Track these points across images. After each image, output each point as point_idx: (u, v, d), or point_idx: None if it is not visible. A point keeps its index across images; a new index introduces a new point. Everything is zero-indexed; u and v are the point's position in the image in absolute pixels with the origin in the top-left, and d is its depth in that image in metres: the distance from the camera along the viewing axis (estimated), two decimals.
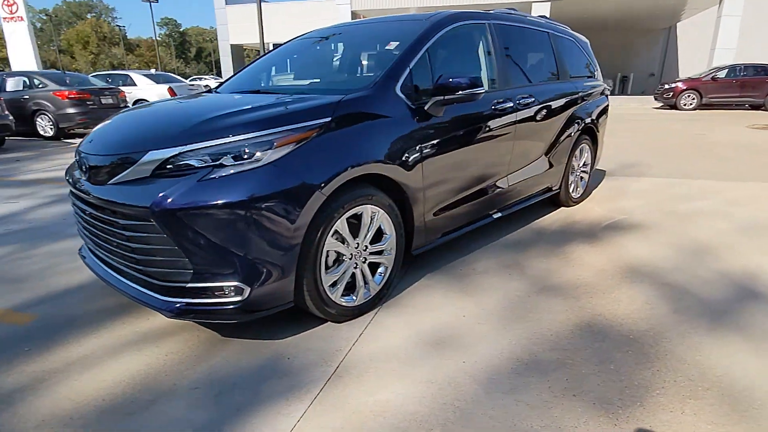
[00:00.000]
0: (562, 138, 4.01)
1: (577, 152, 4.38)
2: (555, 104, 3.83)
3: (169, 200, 1.96)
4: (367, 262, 2.53)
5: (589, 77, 4.64)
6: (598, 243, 3.59)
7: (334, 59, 3.42)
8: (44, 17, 74.88)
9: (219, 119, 2.19)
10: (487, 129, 3.12)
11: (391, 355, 2.19)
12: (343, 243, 2.39)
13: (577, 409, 1.82)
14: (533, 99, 3.53)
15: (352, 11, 20.99)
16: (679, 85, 16.11)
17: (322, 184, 2.15)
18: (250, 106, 2.34)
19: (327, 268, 2.34)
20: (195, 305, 2.09)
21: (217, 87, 3.47)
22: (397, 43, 2.84)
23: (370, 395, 1.92)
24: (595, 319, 2.49)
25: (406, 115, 2.60)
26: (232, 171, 2.02)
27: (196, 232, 1.98)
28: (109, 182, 2.18)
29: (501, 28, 3.43)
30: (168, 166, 2.06)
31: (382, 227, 2.57)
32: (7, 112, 9.28)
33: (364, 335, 2.37)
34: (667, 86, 16.53)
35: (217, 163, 2.04)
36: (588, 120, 4.38)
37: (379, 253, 2.61)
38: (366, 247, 2.50)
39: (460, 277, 3.02)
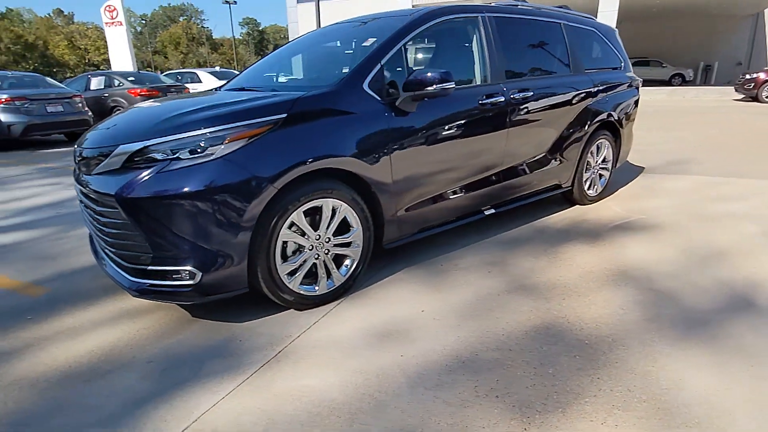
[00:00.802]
0: (572, 133, 3.84)
1: (593, 148, 4.17)
2: (561, 98, 3.68)
3: (130, 189, 2.16)
4: (330, 253, 2.61)
5: (614, 69, 4.39)
6: (597, 243, 3.42)
7: (326, 57, 3.51)
8: (143, 21, 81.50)
9: (182, 116, 2.35)
10: (471, 124, 3.07)
11: (334, 344, 2.26)
12: (303, 235, 2.48)
13: (493, 411, 1.80)
14: (532, 93, 3.41)
15: (413, 4, 20.91)
16: (761, 75, 14.57)
17: (273, 178, 2.26)
18: (213, 104, 2.49)
19: (286, 257, 2.45)
20: (156, 286, 2.28)
21: (222, 85, 3.67)
22: (374, 39, 2.87)
23: (298, 380, 2.01)
24: (556, 321, 2.41)
25: (375, 111, 2.64)
26: (186, 164, 2.18)
27: (152, 218, 2.16)
28: (92, 173, 2.42)
29: (499, 21, 3.34)
30: (135, 159, 2.25)
31: (348, 220, 2.63)
32: (86, 108, 10.26)
33: (319, 323, 2.46)
34: (748, 76, 15.01)
35: (175, 156, 2.20)
36: (607, 114, 4.15)
37: (346, 245, 2.67)
38: (329, 239, 2.58)
39: (437, 273, 3.02)
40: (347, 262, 2.71)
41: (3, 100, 7.74)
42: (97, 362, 2.19)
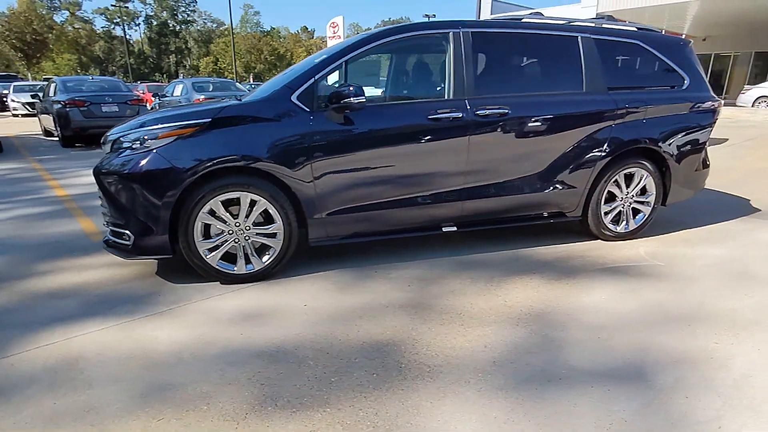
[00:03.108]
0: (577, 157, 3.47)
1: (619, 177, 3.65)
2: (556, 118, 3.36)
3: (97, 166, 2.95)
4: (250, 240, 3.04)
5: (670, 88, 3.74)
6: (562, 281, 3.09)
7: None
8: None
9: (149, 116, 3.05)
10: (413, 138, 3.12)
11: (210, 313, 2.70)
12: (225, 222, 2.95)
13: (244, 394, 2.03)
14: (508, 111, 3.24)
15: (597, 13, 19.17)
16: None
17: (190, 169, 2.79)
18: (172, 110, 3.12)
19: (209, 237, 2.97)
20: (114, 242, 3.03)
21: None
22: (324, 56, 3.15)
23: (154, 331, 2.50)
24: (406, 340, 2.41)
25: (299, 121, 2.95)
26: (132, 152, 2.86)
27: (105, 190, 2.91)
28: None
29: (479, 37, 3.26)
30: (115, 146, 3.04)
31: (271, 214, 3.02)
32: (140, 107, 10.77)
33: (222, 296, 2.91)
34: None
35: (129, 146, 2.91)
36: (645, 140, 3.58)
37: (270, 236, 3.06)
38: (249, 227, 3.01)
39: (362, 278, 3.18)
40: (270, 251, 3.09)
41: (63, 102, 9.33)
42: (68, 290, 3.03)
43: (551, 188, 3.50)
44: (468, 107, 3.18)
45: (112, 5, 59.24)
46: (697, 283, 3.07)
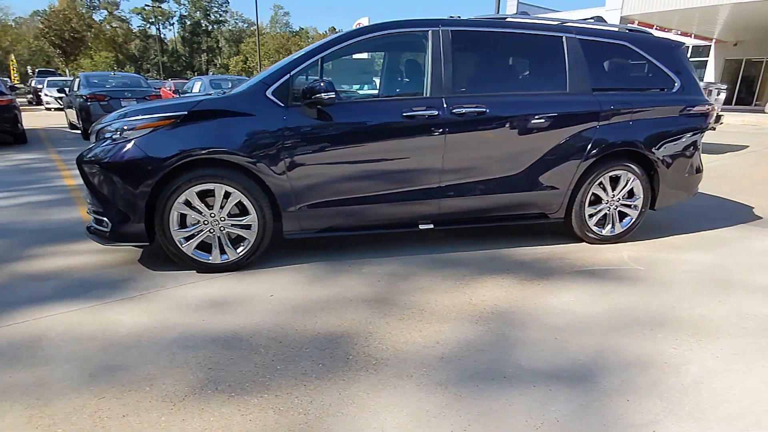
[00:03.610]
0: (558, 158, 3.42)
1: (603, 180, 3.58)
2: (536, 118, 3.33)
3: (79, 155, 3.06)
4: (225, 231, 3.10)
5: (659, 90, 3.65)
6: (534, 282, 3.05)
7: None
8: None
9: (132, 108, 3.14)
10: (388, 135, 3.13)
11: (179, 300, 2.77)
12: (200, 212, 3.03)
13: (188, 377, 2.08)
14: (486, 110, 3.22)
15: (621, 16, 18.77)
16: None
17: (164, 160, 2.87)
18: (155, 102, 3.21)
19: (185, 226, 3.05)
20: (95, 229, 3.14)
21: None
22: (302, 53, 3.20)
23: (121, 314, 2.59)
24: (361, 334, 2.43)
25: (274, 115, 3.00)
26: (112, 142, 2.97)
27: (86, 178, 3.02)
28: None
29: (459, 35, 3.25)
30: (99, 136, 3.15)
31: (246, 206, 3.08)
32: None
33: (194, 284, 2.99)
34: None
35: (112, 136, 3.01)
36: (631, 143, 3.51)
37: (245, 227, 3.13)
38: (224, 218, 3.08)
39: (334, 272, 3.21)
40: (245, 242, 3.16)
41: (85, 96, 9.68)
42: (51, 273, 3.15)
43: (531, 189, 3.46)
44: (445, 105, 3.18)
45: (146, 5, 61.03)
46: (674, 288, 2.99)
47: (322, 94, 2.86)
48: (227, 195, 3.03)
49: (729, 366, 2.17)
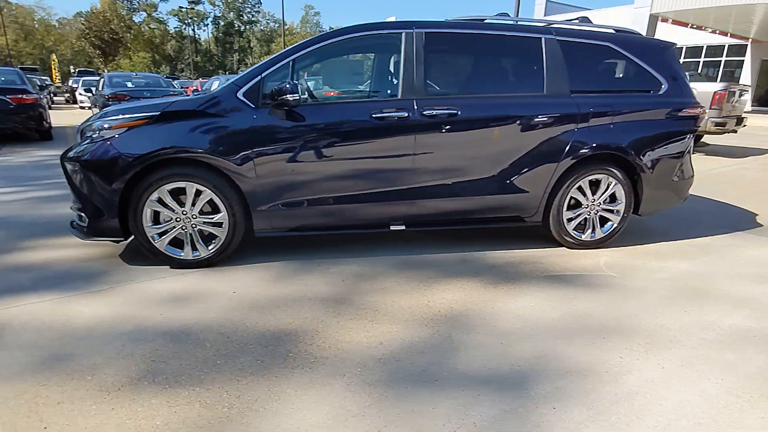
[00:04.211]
0: (533, 161, 3.38)
1: (583, 184, 3.51)
2: (510, 120, 3.29)
3: (62, 153, 3.20)
4: (197, 228, 3.19)
5: (643, 92, 3.55)
6: (500, 285, 3.03)
7: None
8: None
9: (112, 109, 3.27)
10: (356, 137, 3.16)
11: (144, 293, 2.87)
12: (173, 210, 3.13)
13: (131, 368, 2.16)
14: (457, 112, 3.21)
15: (651, 14, 18.18)
16: None
17: (135, 159, 2.98)
18: (133, 103, 3.32)
19: (159, 222, 3.15)
20: (77, 224, 3.28)
21: None
22: (276, 55, 3.25)
23: (84, 306, 2.70)
24: (307, 330, 2.47)
25: (244, 116, 3.07)
26: (90, 141, 3.09)
27: (67, 175, 3.16)
28: None
29: (433, 38, 3.25)
30: (82, 135, 3.29)
31: (217, 204, 3.16)
32: None
33: (164, 279, 3.09)
34: None
35: (92, 135, 3.14)
36: (613, 147, 3.43)
37: (216, 225, 3.21)
38: (195, 216, 3.17)
39: (302, 271, 3.25)
40: (216, 240, 3.24)
41: (107, 95, 10.04)
42: (32, 265, 3.31)
43: (505, 191, 3.43)
44: (415, 107, 3.18)
45: (181, 7, 62.68)
46: (641, 296, 2.91)
47: (287, 96, 2.91)
48: (198, 193, 3.12)
49: (670, 377, 2.11)
